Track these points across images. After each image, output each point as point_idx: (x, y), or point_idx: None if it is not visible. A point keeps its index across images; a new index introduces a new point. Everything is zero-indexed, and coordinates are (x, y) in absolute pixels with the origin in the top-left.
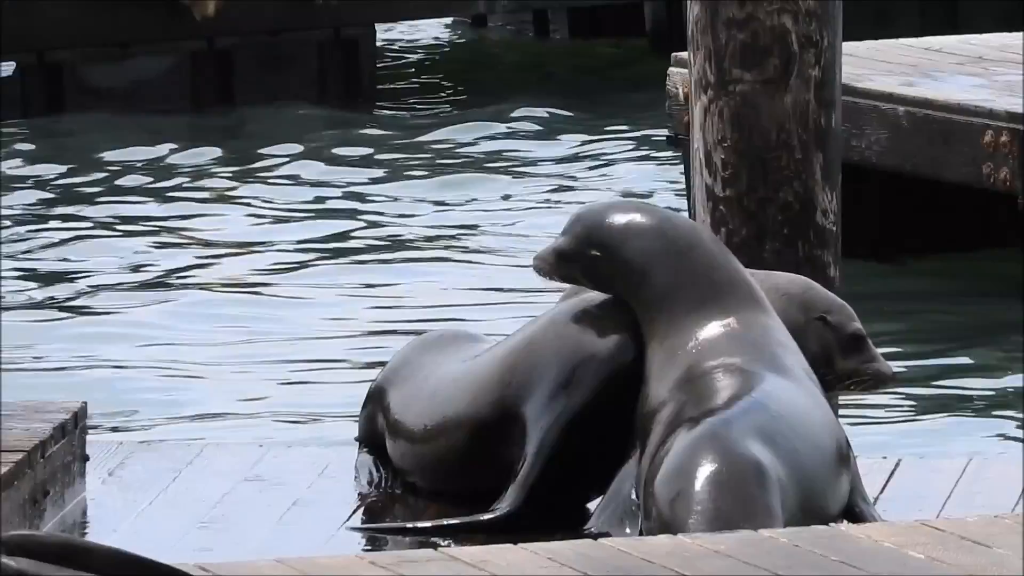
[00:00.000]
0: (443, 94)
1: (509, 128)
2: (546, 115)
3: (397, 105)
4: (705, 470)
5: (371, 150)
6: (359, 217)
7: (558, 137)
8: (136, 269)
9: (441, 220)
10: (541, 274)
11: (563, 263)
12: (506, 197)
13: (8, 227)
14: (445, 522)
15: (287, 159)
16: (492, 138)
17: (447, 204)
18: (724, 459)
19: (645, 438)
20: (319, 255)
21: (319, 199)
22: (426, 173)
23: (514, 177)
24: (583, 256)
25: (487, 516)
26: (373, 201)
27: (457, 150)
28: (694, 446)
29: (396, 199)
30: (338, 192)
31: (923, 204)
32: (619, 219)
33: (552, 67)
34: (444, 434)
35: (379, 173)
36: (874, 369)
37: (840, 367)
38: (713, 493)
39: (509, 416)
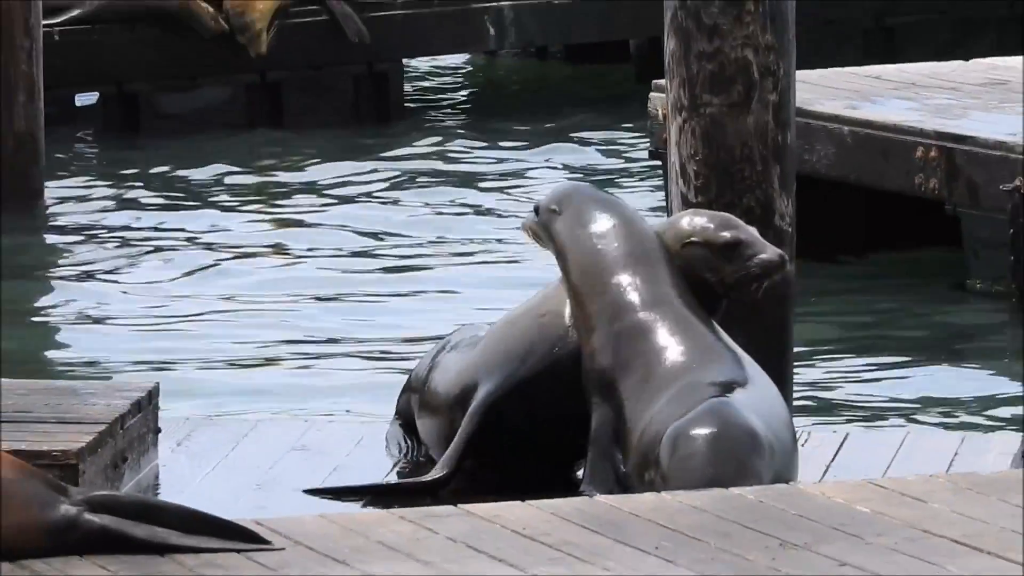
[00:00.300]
0: (459, 117)
1: (512, 144)
2: (544, 134)
3: (421, 127)
4: (707, 438)
5: (400, 167)
6: (391, 227)
7: (555, 152)
8: (202, 271)
9: (458, 228)
10: (523, 227)
11: (534, 219)
12: (518, 202)
13: (92, 236)
14: (386, 483)
15: (327, 175)
16: (500, 153)
17: (466, 214)
18: (725, 428)
19: (610, 397)
20: (358, 261)
21: (356, 210)
22: (448, 186)
23: (519, 187)
24: (547, 211)
25: (420, 480)
26: (405, 212)
27: (472, 165)
28: (698, 416)
29: (424, 210)
30: (373, 204)
31: (865, 210)
32: (586, 190)
33: (550, 93)
34: (442, 415)
35: (407, 187)
36: (759, 261)
37: (727, 273)
38: (713, 459)
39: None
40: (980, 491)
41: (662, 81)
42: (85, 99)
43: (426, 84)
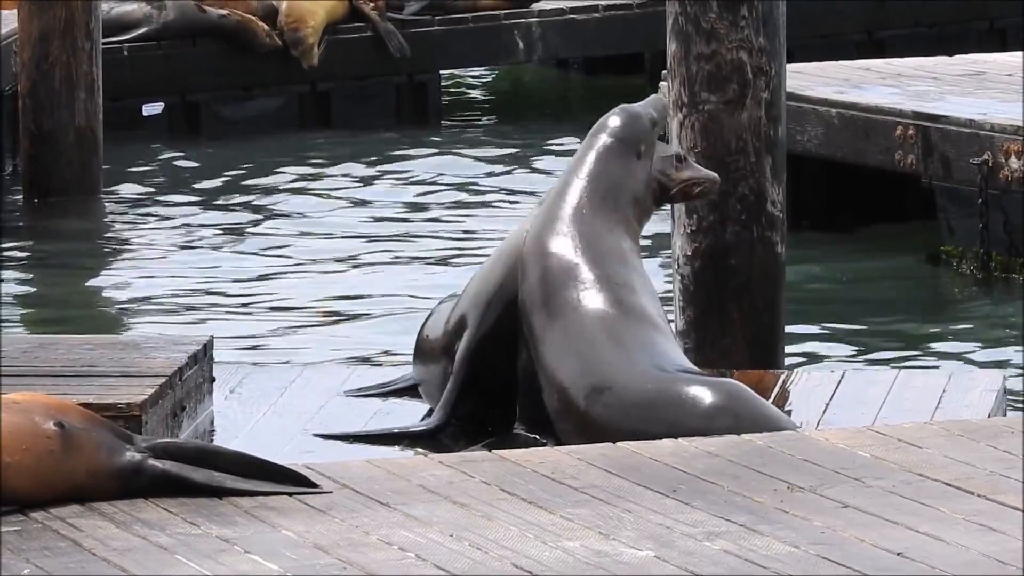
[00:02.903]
0: (490, 123)
1: (540, 145)
2: (567, 136)
3: (457, 132)
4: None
5: (437, 167)
6: (427, 217)
7: (573, 152)
8: (252, 244)
9: (487, 219)
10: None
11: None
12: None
13: (150, 221)
14: (384, 431)
15: (371, 175)
16: (527, 151)
17: (495, 208)
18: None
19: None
20: (398, 244)
21: (396, 205)
22: (477, 183)
23: (541, 180)
24: (651, 120)
25: (417, 428)
26: (439, 206)
27: (502, 164)
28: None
29: (457, 205)
30: (411, 199)
31: (850, 184)
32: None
33: (572, 100)
34: (435, 363)
35: (444, 185)
36: (705, 175)
37: (676, 177)
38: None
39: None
40: (970, 437)
41: None
42: (151, 109)
43: (460, 94)
